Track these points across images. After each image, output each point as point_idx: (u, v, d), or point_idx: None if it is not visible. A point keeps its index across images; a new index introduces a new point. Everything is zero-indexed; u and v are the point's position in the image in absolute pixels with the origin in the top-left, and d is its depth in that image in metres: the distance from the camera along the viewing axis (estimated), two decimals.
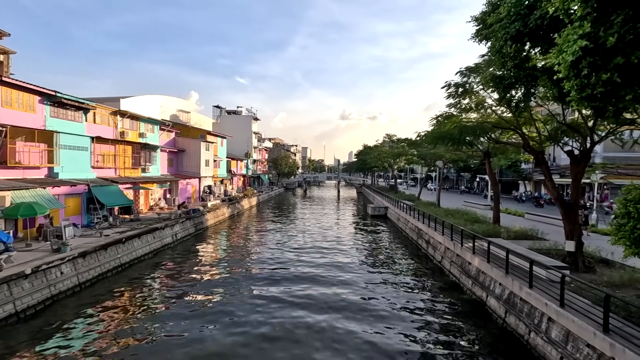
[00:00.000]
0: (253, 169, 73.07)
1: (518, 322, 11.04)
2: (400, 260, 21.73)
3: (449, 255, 18.62)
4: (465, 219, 22.71)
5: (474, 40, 11.95)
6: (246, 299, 14.68)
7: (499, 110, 17.91)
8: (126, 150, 29.12)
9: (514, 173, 54.06)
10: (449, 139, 19.67)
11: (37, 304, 13.03)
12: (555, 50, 6.94)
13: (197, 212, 30.39)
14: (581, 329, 8.19)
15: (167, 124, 36.81)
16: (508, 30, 9.18)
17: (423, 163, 46.77)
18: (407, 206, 31.65)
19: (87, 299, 14.21)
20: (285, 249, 23.95)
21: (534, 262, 10.96)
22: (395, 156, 54.18)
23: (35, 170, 20.55)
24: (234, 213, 41.03)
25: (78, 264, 15.62)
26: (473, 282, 14.94)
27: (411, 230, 28.24)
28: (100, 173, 25.78)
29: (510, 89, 11.81)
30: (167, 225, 24.36)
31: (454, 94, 18.01)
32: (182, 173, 38.96)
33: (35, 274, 13.30)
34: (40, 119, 20.83)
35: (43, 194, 18.83)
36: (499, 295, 12.56)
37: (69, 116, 23.03)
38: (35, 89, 19.94)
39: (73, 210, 22.26)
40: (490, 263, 13.59)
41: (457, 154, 29.06)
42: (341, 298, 14.78)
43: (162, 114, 43.07)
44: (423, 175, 64.13)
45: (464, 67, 17.44)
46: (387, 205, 42.43)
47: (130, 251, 19.49)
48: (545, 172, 14.52)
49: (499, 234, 18.20)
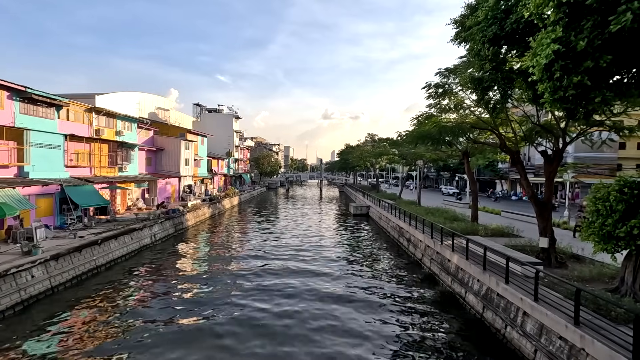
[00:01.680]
0: (235, 168, 72.17)
1: (495, 316, 11.37)
2: (382, 258, 21.97)
3: (429, 252, 18.96)
4: (445, 217, 23.18)
5: (453, 42, 12.21)
6: (225, 299, 14.48)
7: (477, 111, 18.37)
8: (102, 149, 28.16)
9: (491, 172, 55.72)
10: (429, 138, 20.04)
11: (6, 309, 12.44)
12: (530, 53, 7.18)
13: (177, 212, 29.76)
14: (554, 322, 8.52)
15: (145, 121, 35.82)
16: (485, 33, 9.43)
17: (404, 162, 47.45)
18: (388, 205, 32.03)
19: (60, 303, 13.67)
20: (267, 248, 23.79)
21: (510, 258, 11.32)
22: (376, 155, 54.76)
23: (3, 170, 19.59)
24: (215, 213, 40.42)
25: (50, 266, 15.00)
26: (452, 279, 15.28)
27: (392, 229, 28.60)
28: (75, 172, 24.83)
29: (488, 91, 12.15)
30: (145, 225, 23.74)
31: (434, 95, 18.33)
32: (161, 172, 38.04)
33: (3, 278, 12.69)
34: (9, 115, 19.88)
35: (12, 194, 17.98)
36: (477, 291, 12.90)
37: (40, 113, 22.08)
38: (3, 84, 19.00)
39: (45, 211, 21.36)
40: (468, 260, 13.93)
41: (437, 153, 29.65)
42: (322, 295, 14.81)
43: (140, 111, 41.96)
44: (404, 174, 65.11)
45: (443, 69, 17.78)
46: (369, 204, 42.81)
47: (106, 253, 18.89)
48: (520, 171, 15.02)
49: (477, 232, 18.67)
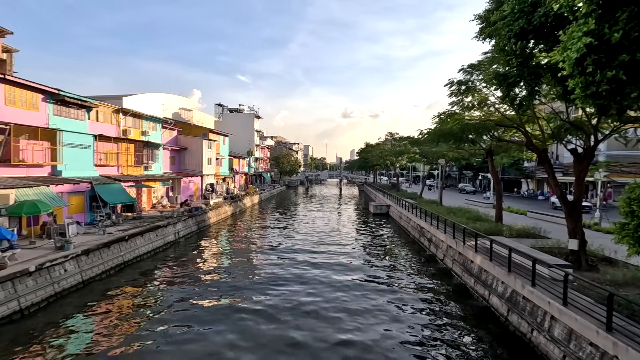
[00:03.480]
0: (255, 167, 73.13)
1: (520, 320, 11.04)
2: (402, 258, 21.73)
3: (451, 253, 18.61)
4: (467, 217, 22.68)
5: (477, 38, 11.88)
6: (248, 296, 14.73)
7: (502, 108, 17.82)
8: (129, 149, 29.18)
9: (516, 171, 53.96)
10: (451, 136, 19.63)
11: (41, 301, 13.12)
12: (560, 48, 6.90)
13: (200, 210, 30.46)
14: (584, 327, 8.18)
15: (169, 122, 36.84)
16: (512, 27, 9.13)
17: (425, 161, 46.68)
18: (409, 204, 31.63)
19: (90, 297, 14.29)
20: (287, 246, 24.01)
21: (536, 260, 10.95)
22: (397, 154, 54.12)
23: (38, 169, 20.63)
24: (236, 211, 41.10)
25: (81, 261, 15.70)
26: (475, 281, 14.93)
27: (413, 229, 28.23)
28: (103, 171, 25.86)
29: (513, 87, 11.75)
30: (169, 223, 24.43)
31: (457, 92, 17.91)
32: (184, 171, 39.03)
33: (39, 272, 13.38)
34: (44, 117, 20.90)
35: (46, 192, 18.90)
36: (502, 293, 12.55)
37: (72, 114, 23.09)
38: (38, 87, 19.99)
39: (76, 208, 22.35)
40: (492, 261, 13.57)
41: (460, 152, 28.99)
42: (342, 296, 14.79)
43: (164, 112, 43.14)
44: (425, 173, 64.06)
45: (466, 65, 17.35)
46: (389, 204, 42.41)
47: (132, 249, 19.58)
48: (548, 170, 14.48)
49: (501, 232, 18.17)
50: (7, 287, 12.03)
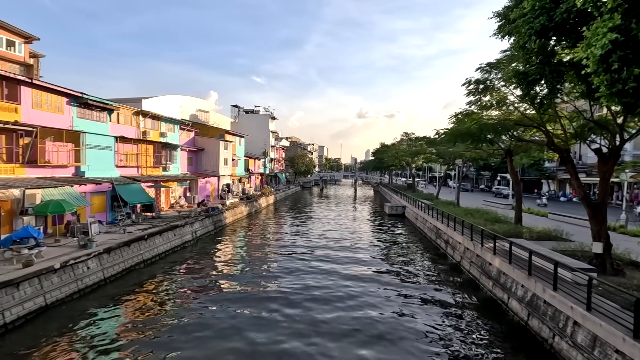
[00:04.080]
0: (270, 167, 73.69)
1: (541, 325, 10.74)
2: (419, 260, 21.47)
3: (468, 255, 18.27)
4: (486, 218, 22.25)
5: (496, 36, 11.64)
6: (263, 295, 14.86)
7: (522, 107, 17.42)
8: (148, 150, 29.90)
9: (536, 172, 52.53)
10: (468, 136, 19.28)
11: (65, 297, 13.59)
12: (584, 44, 6.69)
13: (216, 210, 30.91)
14: (609, 334, 7.89)
15: (187, 123, 37.55)
16: (532, 25, 8.89)
17: (442, 162, 46.01)
18: (425, 205, 31.24)
19: (112, 294, 14.71)
20: (302, 247, 24.09)
21: (558, 263, 10.63)
22: (413, 155, 53.53)
23: (63, 169, 21.38)
24: (252, 211, 41.51)
25: (103, 259, 16.18)
26: (494, 283, 14.61)
27: (429, 230, 27.86)
28: (124, 172, 26.57)
29: (534, 85, 11.45)
30: (187, 223, 24.90)
31: (474, 91, 17.60)
32: (201, 172, 39.69)
33: (63, 269, 13.87)
34: (68, 119, 21.64)
35: (71, 192, 19.57)
36: (521, 297, 12.24)
37: (95, 117, 23.83)
38: (63, 90, 20.73)
39: (98, 207, 23.06)
40: (512, 264, 13.26)
41: (477, 152, 28.42)
42: (358, 300, 14.72)
43: (182, 113, 43.94)
44: (441, 174, 63.11)
45: (484, 64, 17.02)
46: (405, 204, 41.99)
47: (151, 248, 20.04)
48: (570, 170, 14.03)
49: (521, 235, 17.73)
50: (33, 284, 12.51)
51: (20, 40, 24.75)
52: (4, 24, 23.38)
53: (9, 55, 23.88)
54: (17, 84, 18.42)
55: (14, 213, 16.82)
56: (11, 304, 11.53)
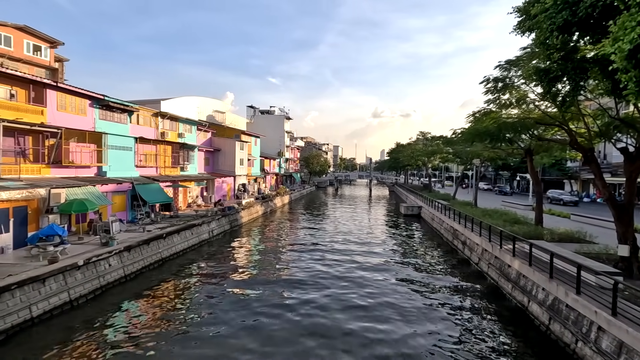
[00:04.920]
0: (285, 167, 74.09)
1: (563, 330, 10.42)
2: (435, 261, 21.17)
3: (486, 257, 17.90)
4: (504, 219, 21.74)
5: (516, 32, 11.37)
6: (279, 294, 14.96)
7: (543, 105, 16.94)
8: (166, 150, 30.54)
9: (558, 172, 50.97)
10: (487, 136, 18.91)
11: (88, 293, 14.03)
12: (610, 39, 6.45)
13: (232, 209, 31.30)
14: (636, 340, 7.59)
15: (204, 124, 38.16)
16: (554, 20, 8.63)
17: (459, 161, 45.20)
18: (441, 206, 30.79)
19: (132, 291, 15.10)
20: (317, 246, 24.12)
21: (581, 266, 10.29)
22: (429, 154, 52.82)
23: (86, 169, 22.08)
24: (267, 211, 41.84)
25: (124, 257, 16.62)
26: (513, 286, 14.27)
27: (446, 231, 27.44)
28: (143, 172, 27.22)
29: (555, 83, 11.13)
30: (204, 222, 25.31)
31: (493, 89, 17.24)
32: (218, 172, 40.27)
33: (86, 266, 14.33)
34: (90, 121, 22.33)
35: (93, 191, 20.19)
36: (542, 300, 11.91)
37: (116, 118, 24.50)
38: (86, 93, 21.40)
39: (119, 206, 23.70)
40: (532, 266, 12.91)
41: (496, 151, 27.79)
42: (373, 300, 14.63)
43: (199, 114, 44.67)
44: (458, 173, 62.03)
45: (503, 61, 16.64)
46: (421, 205, 41.49)
47: (170, 246, 20.46)
48: (595, 170, 13.56)
49: (542, 236, 17.25)
50: (58, 280, 12.97)
51: (46, 45, 25.71)
52: (31, 29, 24.33)
53: (35, 59, 24.84)
54: (43, 87, 19.13)
55: (40, 211, 17.48)
56: (38, 298, 11.99)
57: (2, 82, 17.61)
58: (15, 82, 18.17)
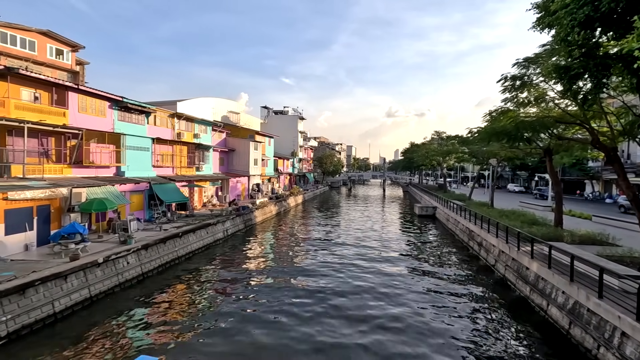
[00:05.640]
0: (299, 167, 74.34)
1: (584, 334, 10.11)
2: (451, 263, 20.86)
3: (503, 258, 17.54)
4: (522, 220, 21.23)
5: (534, 29, 11.10)
6: (293, 292, 15.02)
7: (563, 104, 16.49)
8: (182, 150, 31.08)
9: (579, 172, 49.51)
10: (504, 135, 18.50)
11: (108, 290, 14.41)
12: (635, 35, 6.23)
13: (247, 209, 31.60)
14: None
15: (219, 125, 38.66)
16: (575, 16, 8.39)
17: (475, 161, 44.42)
18: (457, 206, 30.33)
19: (150, 288, 15.42)
20: (331, 246, 24.11)
21: (604, 269, 9.96)
22: (444, 154, 52.09)
23: (105, 169, 22.68)
24: (281, 210, 42.06)
25: (141, 255, 17.00)
26: (531, 289, 13.93)
27: (462, 232, 27.01)
28: (160, 171, 27.78)
29: (576, 80, 10.80)
30: (218, 221, 25.64)
31: (511, 88, 16.87)
32: (232, 172, 40.73)
33: (106, 263, 14.72)
34: (110, 122, 22.93)
35: (112, 191, 20.72)
36: (562, 304, 11.58)
37: (134, 119, 25.09)
38: (106, 95, 22.00)
39: (137, 205, 24.25)
40: (551, 269, 12.58)
41: (513, 151, 27.19)
42: (387, 303, 14.53)
43: (214, 115, 45.35)
44: (474, 174, 60.97)
45: (521, 58, 16.26)
46: (436, 205, 40.97)
47: (185, 245, 20.81)
48: (618, 170, 13.12)
49: (562, 238, 16.78)
50: (79, 276, 13.37)
51: (67, 49, 26.53)
52: (54, 34, 25.14)
53: (57, 63, 25.67)
54: (65, 90, 19.75)
55: (62, 210, 18.04)
56: (60, 294, 12.39)
57: (27, 85, 18.28)
58: (39, 85, 18.83)
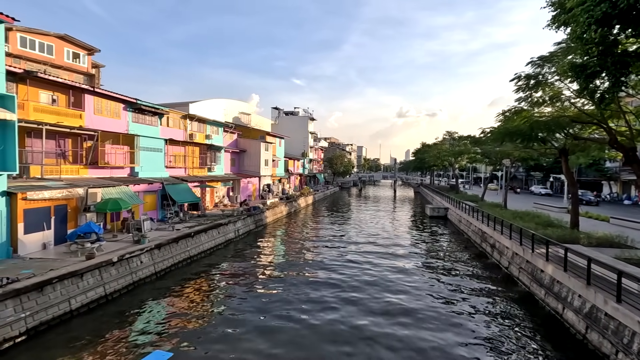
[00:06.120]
0: (309, 168, 74.44)
1: (602, 339, 9.86)
2: (462, 265, 20.59)
3: (517, 261, 17.23)
4: (537, 222, 20.85)
5: (549, 27, 10.90)
6: (304, 291, 15.04)
7: (579, 103, 16.16)
8: (194, 151, 31.46)
9: (596, 172, 48.32)
10: (518, 135, 18.23)
11: (122, 288, 14.68)
12: None
13: (257, 209, 31.79)
14: None
15: (230, 126, 39.01)
16: (592, 13, 8.21)
17: (487, 162, 43.78)
18: (469, 207, 29.94)
19: (162, 287, 15.65)
20: (342, 246, 24.08)
21: (622, 273, 9.69)
22: (456, 154, 51.47)
23: (119, 170, 23.12)
24: (291, 211, 42.19)
25: (154, 254, 17.27)
26: (546, 292, 13.66)
27: (474, 233, 26.64)
28: (172, 172, 28.17)
29: (593, 79, 10.56)
30: (230, 221, 25.86)
31: (525, 87, 16.61)
32: (243, 172, 41.05)
33: (120, 262, 15.00)
34: (124, 124, 23.37)
35: (126, 191, 21.11)
36: (578, 308, 11.32)
37: (147, 121, 25.52)
38: (120, 97, 22.43)
39: (150, 206, 24.65)
40: (567, 272, 12.31)
41: (527, 151, 26.72)
42: (399, 305, 14.42)
43: (226, 116, 45.71)
44: (487, 174, 60.06)
45: (536, 57, 15.98)
46: (447, 206, 40.53)
47: (197, 245, 21.06)
48: (637, 171, 12.77)
49: (578, 240, 16.42)
50: (95, 275, 13.66)
51: (84, 53, 27.14)
52: (71, 38, 25.76)
53: (74, 66, 26.27)
54: (82, 92, 20.22)
55: (78, 210, 18.46)
56: (76, 292, 12.68)
57: (45, 88, 18.77)
58: (57, 88, 19.32)
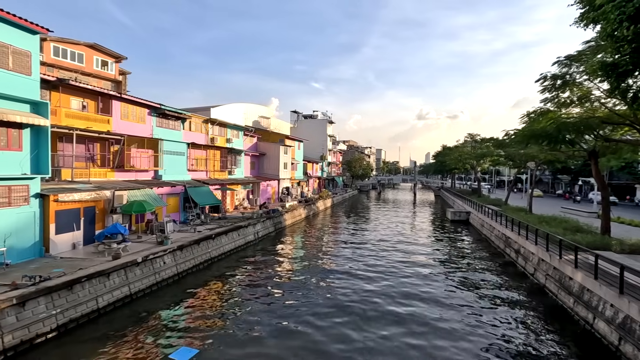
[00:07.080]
0: (328, 171, 74.47)
1: (637, 352, 9.34)
2: (486, 270, 20.02)
3: (543, 267, 16.61)
4: (564, 227, 20.00)
5: (577, 25, 10.52)
6: (324, 296, 15.02)
7: (610, 103, 15.48)
8: (215, 155, 32.10)
9: (628, 175, 46.08)
10: (543, 137, 17.59)
11: (146, 288, 15.10)
12: None
13: (277, 212, 32.05)
14: None
15: (250, 129, 39.60)
16: (624, 9, 7.87)
17: (511, 164, 42.51)
18: (492, 211, 29.13)
19: (184, 287, 16.01)
20: (361, 251, 23.92)
21: None
22: (478, 157, 50.22)
23: (144, 173, 23.86)
24: (310, 214, 42.29)
25: (177, 255, 17.69)
26: (575, 301, 13.09)
27: (497, 238, 25.89)
28: (194, 175, 28.83)
29: (625, 78, 10.11)
30: (250, 223, 26.18)
31: (551, 87, 16.07)
32: (263, 175, 41.52)
33: (144, 263, 15.44)
34: (149, 128, 24.13)
35: (150, 194, 21.75)
36: (610, 318, 10.78)
37: (170, 125, 26.25)
38: (146, 103, 23.19)
39: (173, 208, 25.29)
40: (598, 280, 11.76)
41: (554, 154, 25.75)
42: (420, 314, 14.15)
43: (246, 120, 46.48)
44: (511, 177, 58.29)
45: (563, 56, 15.45)
46: (469, 210, 39.58)
47: (218, 247, 21.42)
48: None
49: (609, 247, 15.66)
50: (121, 275, 14.12)
51: (112, 60, 28.26)
52: (99, 47, 26.89)
53: (102, 73, 27.39)
54: (110, 98, 21.04)
55: (105, 211, 19.16)
56: (103, 291, 13.14)
57: (76, 95, 19.64)
58: (87, 95, 20.18)
